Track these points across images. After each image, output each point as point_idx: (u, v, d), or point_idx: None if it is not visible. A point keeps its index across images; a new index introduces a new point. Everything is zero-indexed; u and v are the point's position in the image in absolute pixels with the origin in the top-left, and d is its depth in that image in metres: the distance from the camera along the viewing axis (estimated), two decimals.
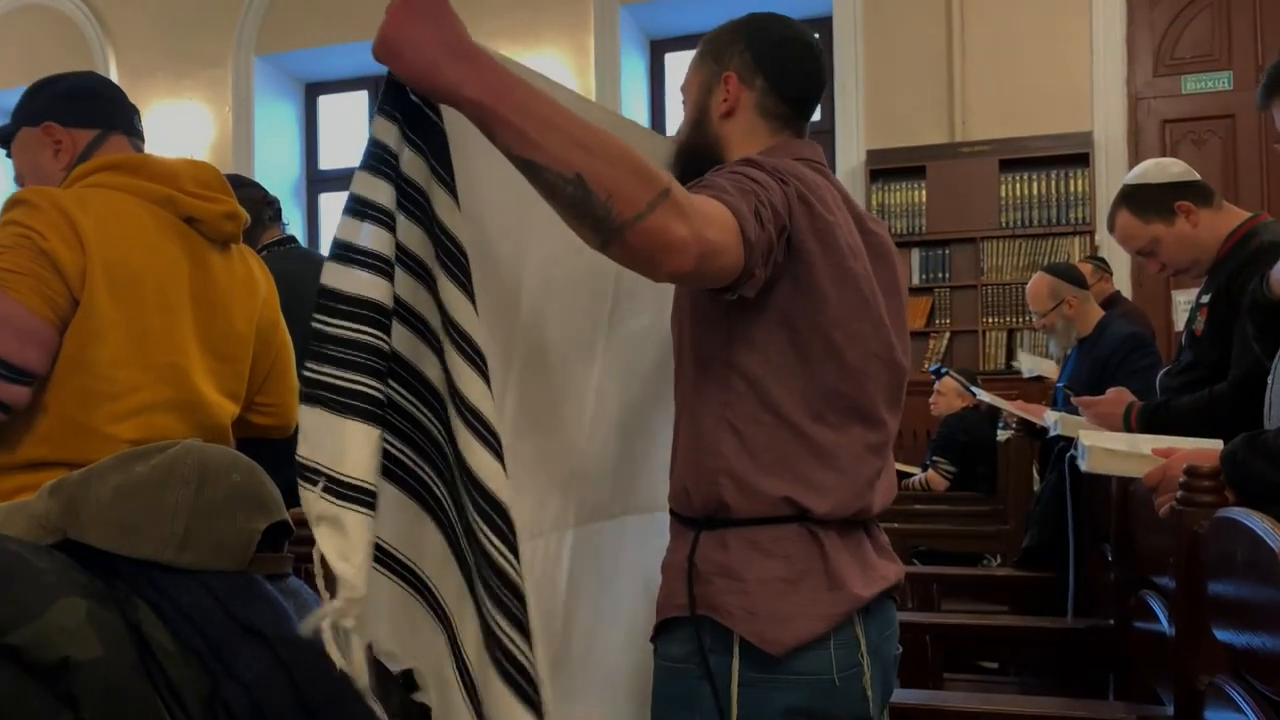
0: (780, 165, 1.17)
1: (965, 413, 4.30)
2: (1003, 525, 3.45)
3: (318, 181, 7.41)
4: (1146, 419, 2.07)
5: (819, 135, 6.09)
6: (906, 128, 5.56)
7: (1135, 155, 5.18)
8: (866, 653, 1.16)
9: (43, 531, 0.83)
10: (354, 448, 0.83)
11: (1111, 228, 2.27)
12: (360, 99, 7.27)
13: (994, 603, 2.84)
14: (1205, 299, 2.07)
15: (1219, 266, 2.08)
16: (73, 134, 1.56)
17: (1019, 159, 5.33)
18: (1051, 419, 2.46)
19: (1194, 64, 5.24)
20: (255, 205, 2.24)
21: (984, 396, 3.50)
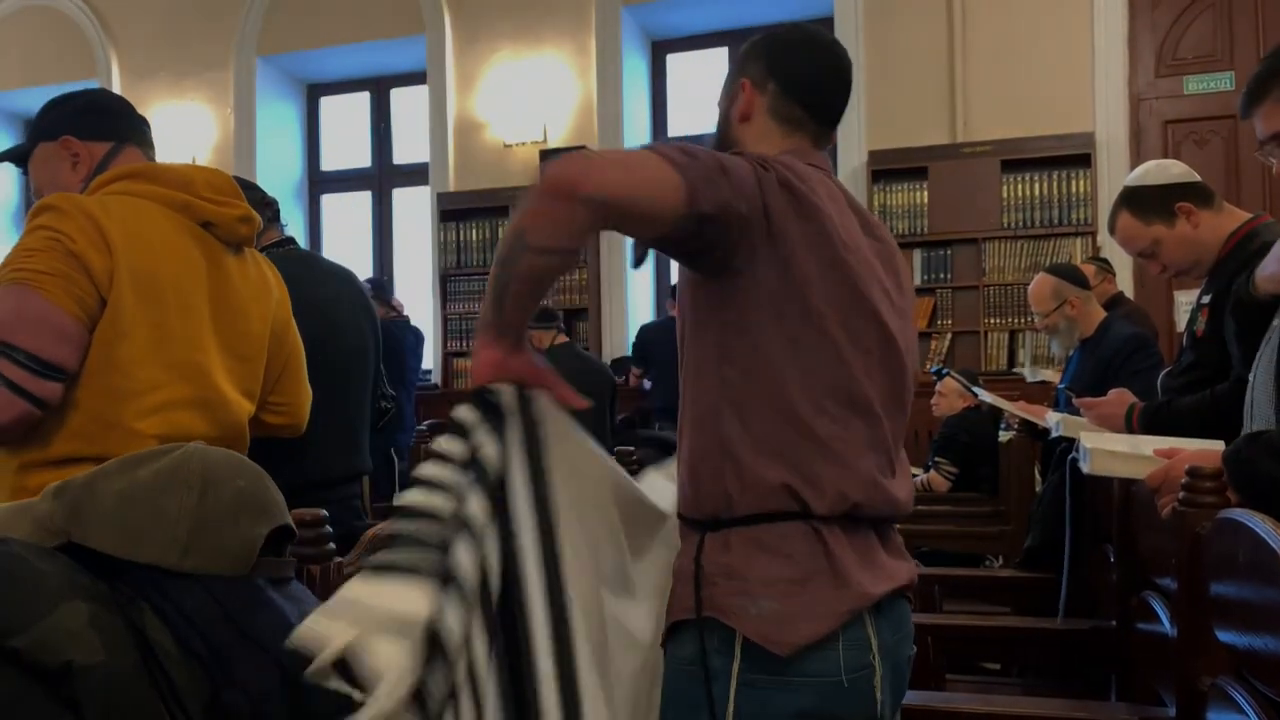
0: (766, 156, 1.20)
1: (967, 413, 4.29)
2: (1004, 526, 3.45)
3: (319, 182, 7.41)
4: (1148, 420, 2.07)
5: None
6: (908, 128, 5.56)
7: (1137, 156, 5.18)
8: (878, 653, 1.15)
9: (47, 534, 0.83)
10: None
11: (1112, 230, 2.27)
12: (361, 100, 7.28)
13: (996, 604, 2.84)
14: (1206, 300, 2.07)
15: (1220, 267, 2.07)
16: (89, 146, 1.63)
17: (1021, 159, 5.33)
18: (1053, 420, 2.46)
19: (1196, 64, 5.24)
20: (254, 206, 2.24)
21: (986, 397, 3.50)
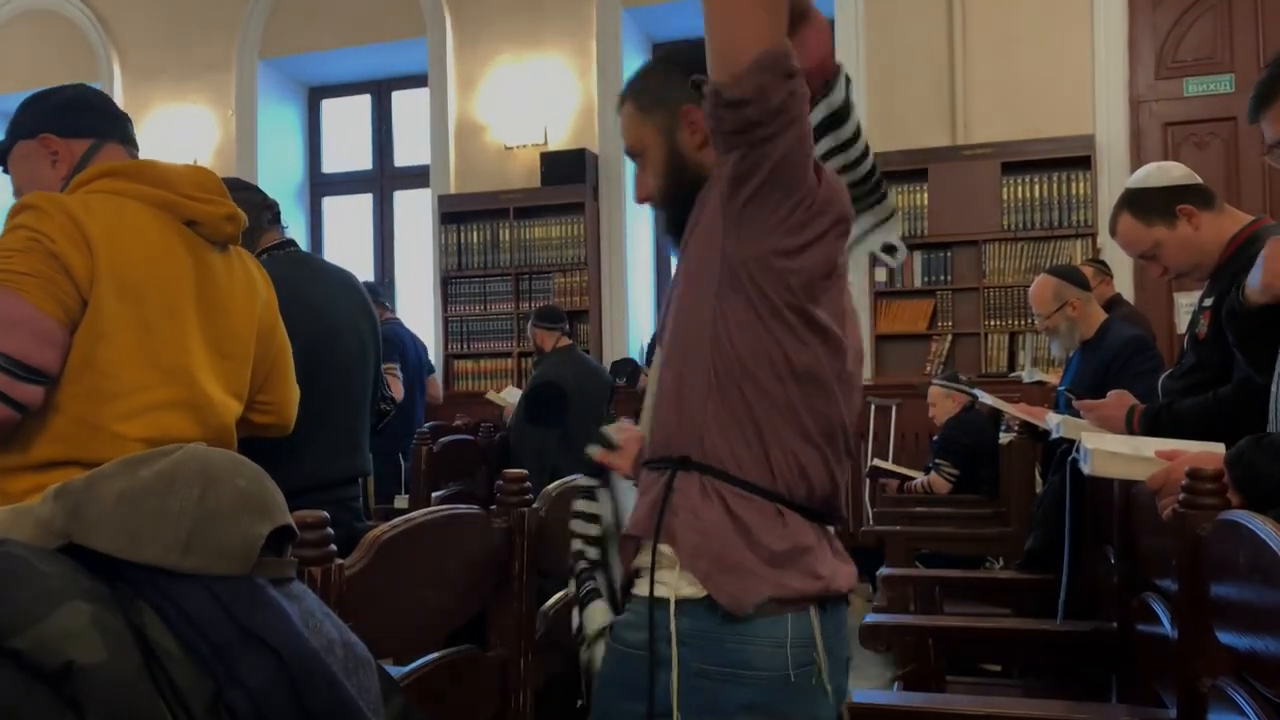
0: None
1: (966, 415, 4.29)
2: (1005, 528, 3.44)
3: (320, 185, 7.42)
4: (1149, 422, 2.07)
5: None
6: (908, 130, 5.56)
7: (1137, 158, 5.18)
8: (823, 651, 1.16)
9: (48, 535, 0.83)
10: None
11: (1113, 232, 2.27)
12: (362, 103, 7.29)
13: (996, 605, 2.83)
14: (1207, 302, 2.07)
15: (1221, 270, 2.07)
16: (69, 144, 1.59)
17: (1021, 161, 5.33)
18: (1054, 421, 2.46)
19: (1196, 66, 5.25)
20: (254, 209, 2.24)
21: (986, 399, 3.50)
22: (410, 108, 7.08)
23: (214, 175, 1.60)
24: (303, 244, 2.33)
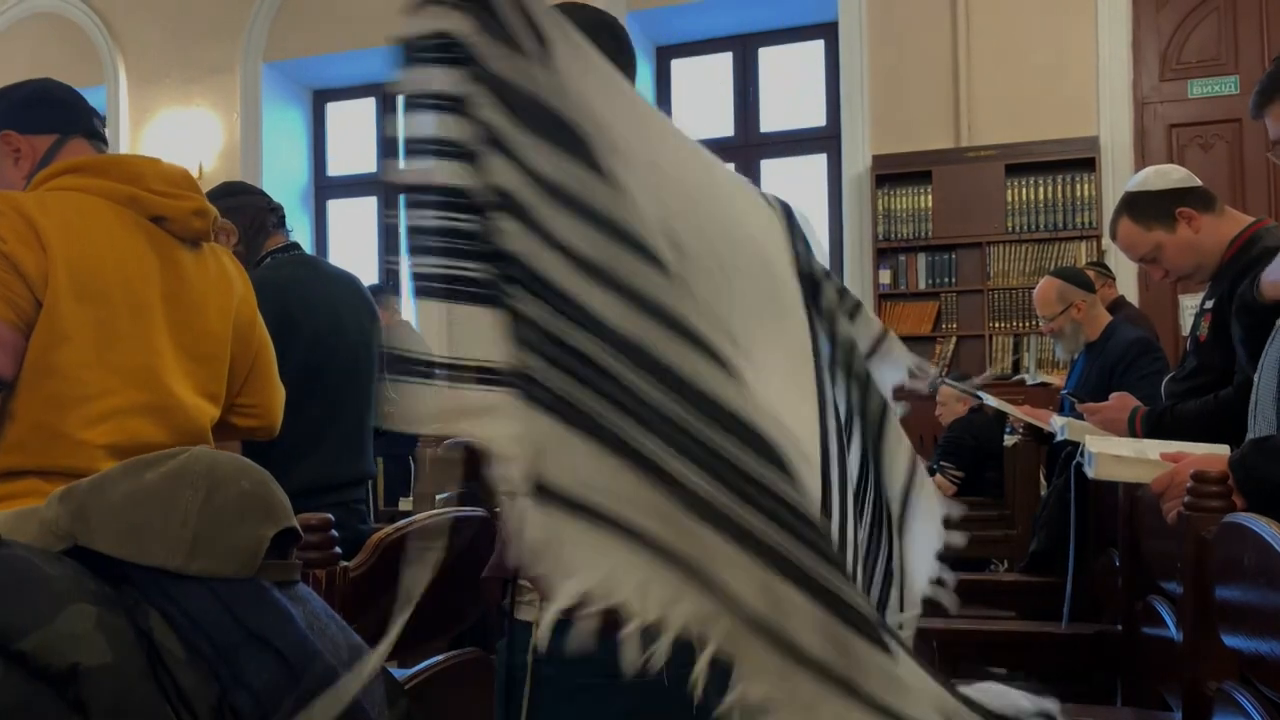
0: None
1: (972, 417, 4.29)
2: (1010, 530, 3.44)
3: (326, 188, 7.43)
4: (1151, 425, 2.07)
5: (826, 141, 6.11)
6: (912, 132, 5.56)
7: (1141, 159, 5.17)
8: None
9: (53, 538, 0.83)
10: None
11: (1114, 236, 2.26)
12: (368, 106, 7.30)
13: (1001, 608, 2.83)
14: (1209, 304, 2.07)
15: (1222, 272, 2.07)
16: (31, 140, 1.55)
17: (1025, 163, 5.33)
18: (1058, 424, 2.46)
19: (1200, 68, 5.24)
20: (259, 212, 2.25)
21: (991, 401, 3.49)
22: None
23: (183, 170, 1.53)
24: (307, 247, 2.34)
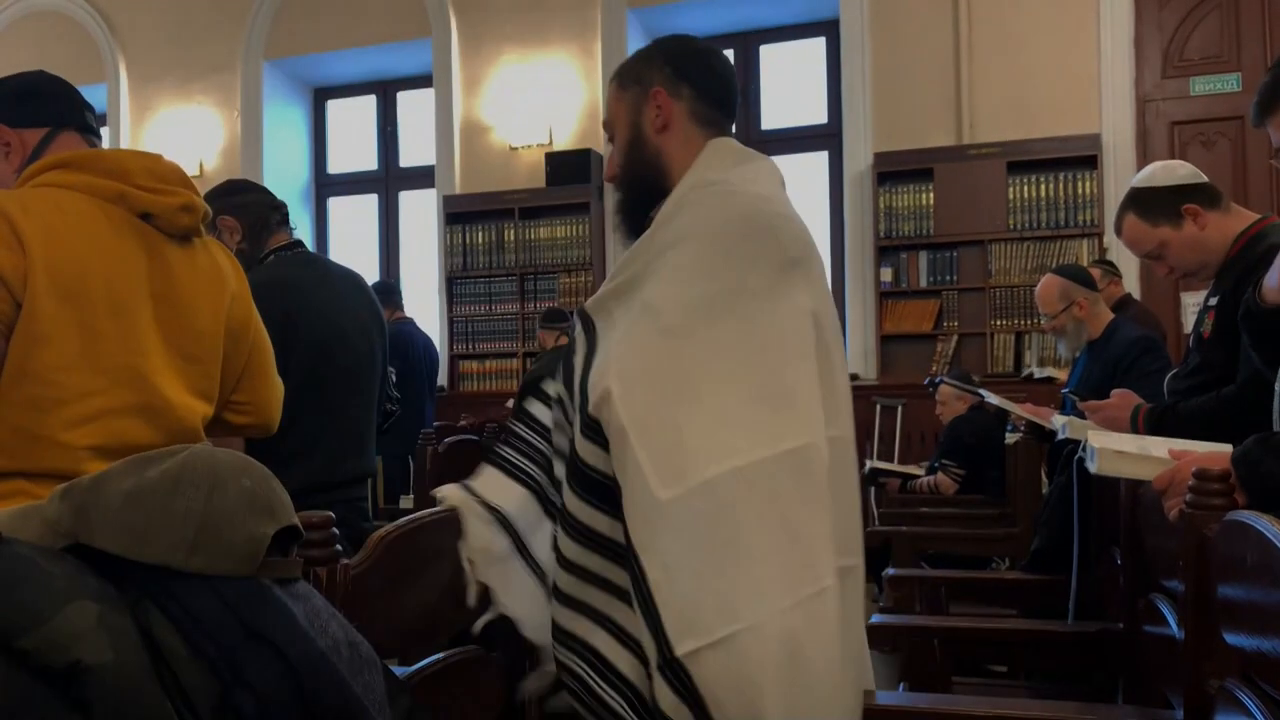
0: None
1: (972, 414, 4.29)
2: (1011, 528, 3.44)
3: (325, 185, 7.43)
4: (1154, 422, 2.07)
5: (827, 138, 6.10)
6: (914, 130, 5.56)
7: (1143, 157, 5.17)
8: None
9: (54, 536, 0.83)
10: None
11: (1119, 232, 2.26)
12: (368, 103, 7.30)
13: (1003, 606, 2.83)
14: (1213, 302, 2.06)
15: (1227, 269, 2.07)
16: (21, 134, 1.52)
17: (1027, 161, 5.33)
18: (1059, 422, 2.46)
19: (1202, 65, 5.23)
20: (262, 210, 2.25)
21: (992, 399, 3.49)
22: (415, 108, 7.09)
23: (173, 164, 1.50)
24: (308, 244, 2.33)
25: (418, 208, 7.09)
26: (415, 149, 7.10)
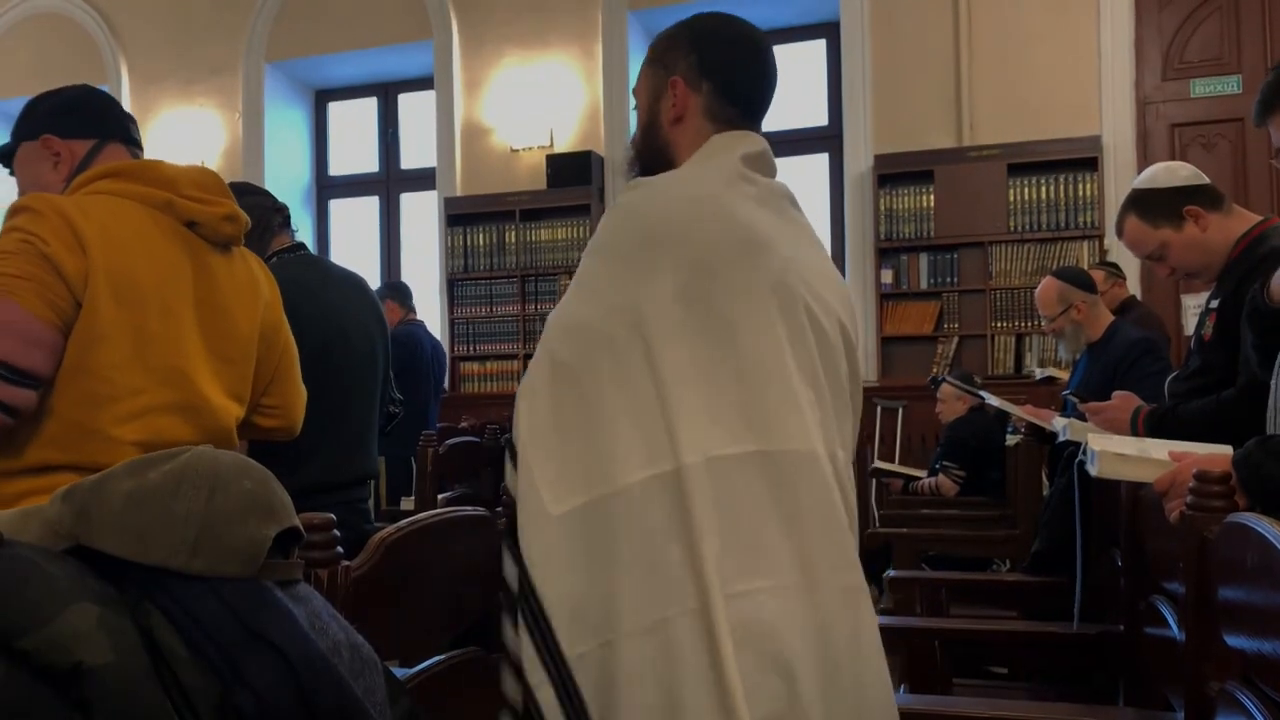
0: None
1: (972, 416, 4.29)
2: (1012, 530, 3.44)
3: (327, 187, 7.44)
4: (1154, 424, 2.06)
5: (828, 140, 6.10)
6: (914, 132, 5.56)
7: (1144, 159, 5.17)
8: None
9: (56, 537, 0.83)
10: None
11: (1120, 233, 2.26)
12: (369, 105, 7.30)
13: (1003, 607, 2.83)
14: (1214, 304, 2.06)
15: (1229, 271, 2.07)
16: (70, 145, 1.59)
17: (1027, 163, 5.33)
18: (1060, 424, 2.46)
19: (1203, 67, 5.23)
20: (264, 212, 2.25)
21: (993, 401, 3.49)
22: (416, 110, 7.10)
23: (216, 175, 1.58)
24: (309, 246, 2.34)
25: (419, 210, 7.09)
26: (416, 151, 7.11)
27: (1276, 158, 1.70)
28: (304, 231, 7.05)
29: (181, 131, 7.02)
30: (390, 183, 7.27)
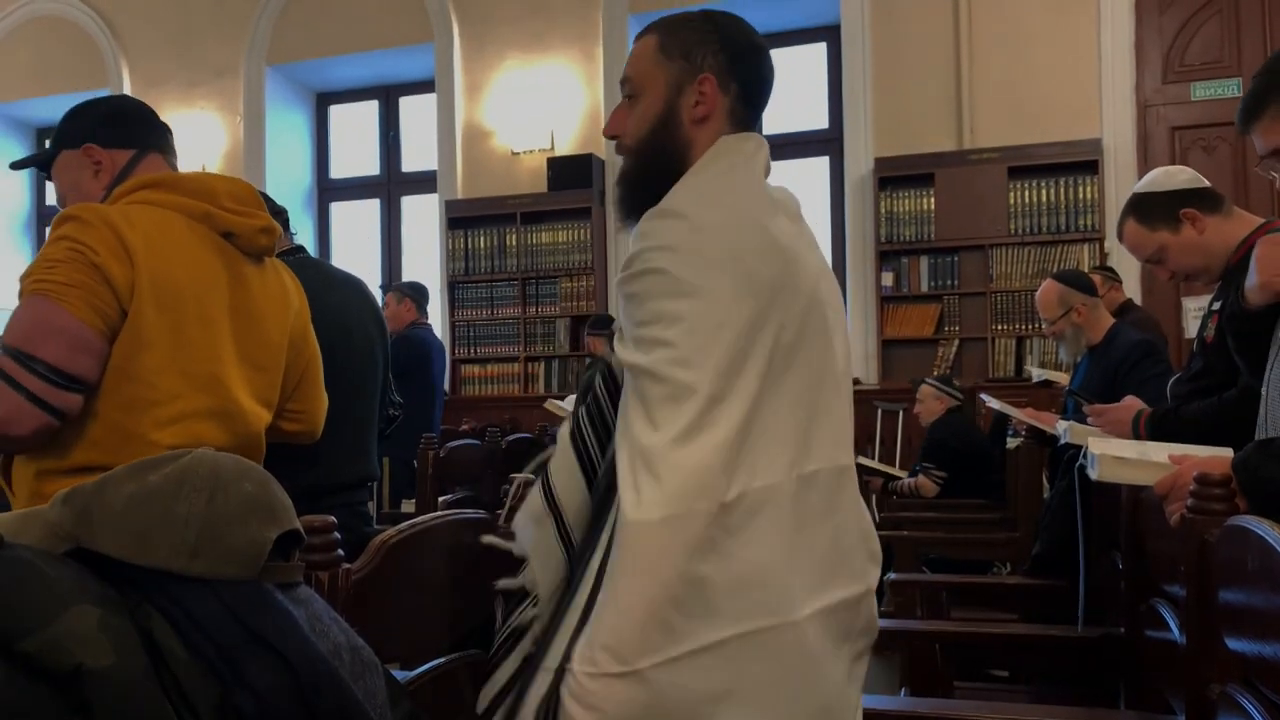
0: None
1: (950, 417, 4.30)
2: (1012, 533, 3.44)
3: (328, 190, 7.44)
4: (1155, 426, 2.07)
5: (828, 143, 6.11)
6: (915, 135, 5.56)
7: (1144, 162, 5.17)
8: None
9: (56, 539, 0.83)
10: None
11: (1120, 236, 2.27)
12: (370, 108, 7.31)
13: (1004, 610, 2.83)
14: (1216, 306, 2.07)
15: (1230, 273, 2.07)
16: (111, 154, 1.62)
17: (1028, 166, 5.33)
18: (1061, 427, 2.46)
19: (1203, 70, 5.24)
20: None
21: (994, 404, 3.49)
22: (417, 113, 7.10)
23: (250, 187, 1.63)
24: (310, 249, 2.34)
25: (420, 212, 7.10)
26: (417, 154, 7.11)
27: (1260, 165, 1.71)
28: (305, 234, 7.06)
29: (183, 134, 6.98)
30: (391, 185, 7.27)
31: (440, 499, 2.95)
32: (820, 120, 6.21)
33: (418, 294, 4.90)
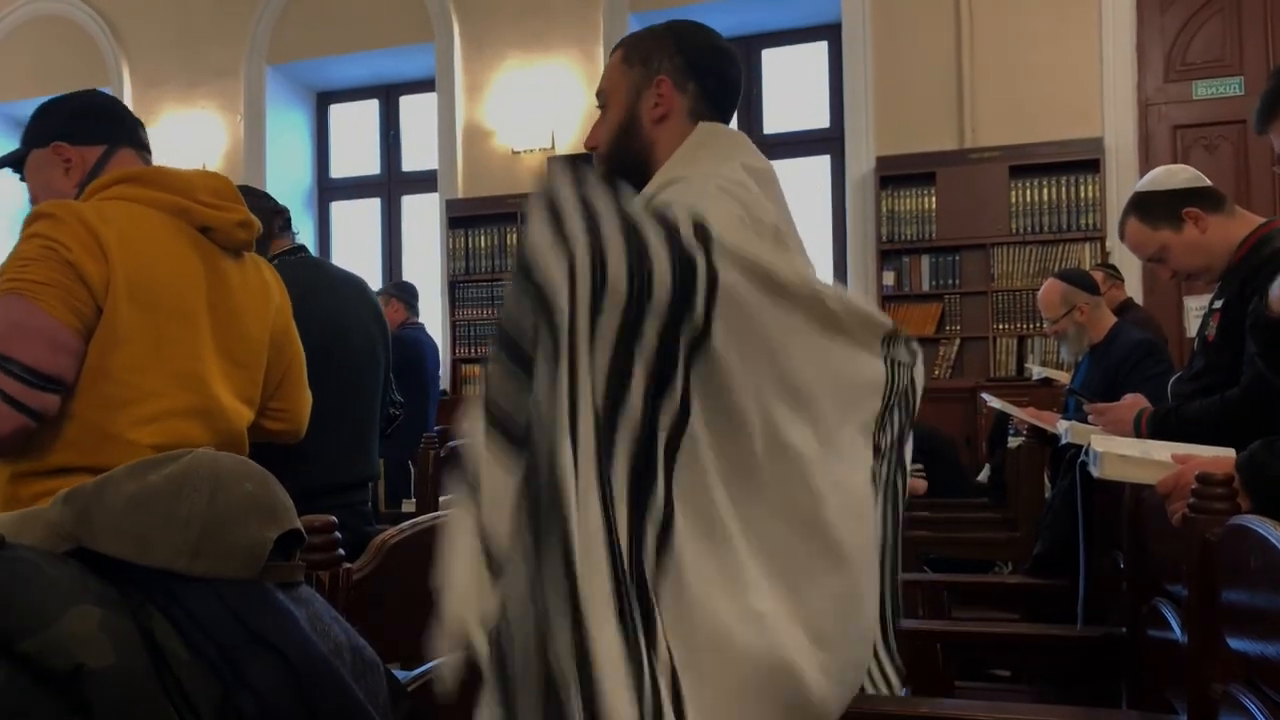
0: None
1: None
2: (1014, 532, 3.43)
3: (328, 190, 7.44)
4: (1156, 425, 2.07)
5: (830, 142, 6.10)
6: (916, 134, 5.56)
7: (1146, 161, 5.17)
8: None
9: (57, 539, 0.83)
10: None
11: (1122, 235, 2.27)
12: (371, 108, 7.31)
13: (1006, 610, 2.82)
14: (1218, 305, 2.07)
15: (1232, 272, 2.07)
16: (81, 151, 1.60)
17: (1029, 165, 5.32)
18: (1062, 426, 2.46)
19: (1205, 69, 5.23)
20: (265, 215, 2.25)
21: (995, 403, 3.49)
22: (418, 112, 7.10)
23: (228, 181, 1.60)
24: (311, 249, 2.34)
25: (420, 212, 7.10)
26: (418, 153, 7.11)
27: (1278, 165, 1.70)
28: (305, 234, 7.05)
29: (183, 134, 7.02)
30: (391, 185, 7.27)
31: (441, 499, 2.95)
32: (821, 119, 6.20)
33: (405, 294, 4.90)
